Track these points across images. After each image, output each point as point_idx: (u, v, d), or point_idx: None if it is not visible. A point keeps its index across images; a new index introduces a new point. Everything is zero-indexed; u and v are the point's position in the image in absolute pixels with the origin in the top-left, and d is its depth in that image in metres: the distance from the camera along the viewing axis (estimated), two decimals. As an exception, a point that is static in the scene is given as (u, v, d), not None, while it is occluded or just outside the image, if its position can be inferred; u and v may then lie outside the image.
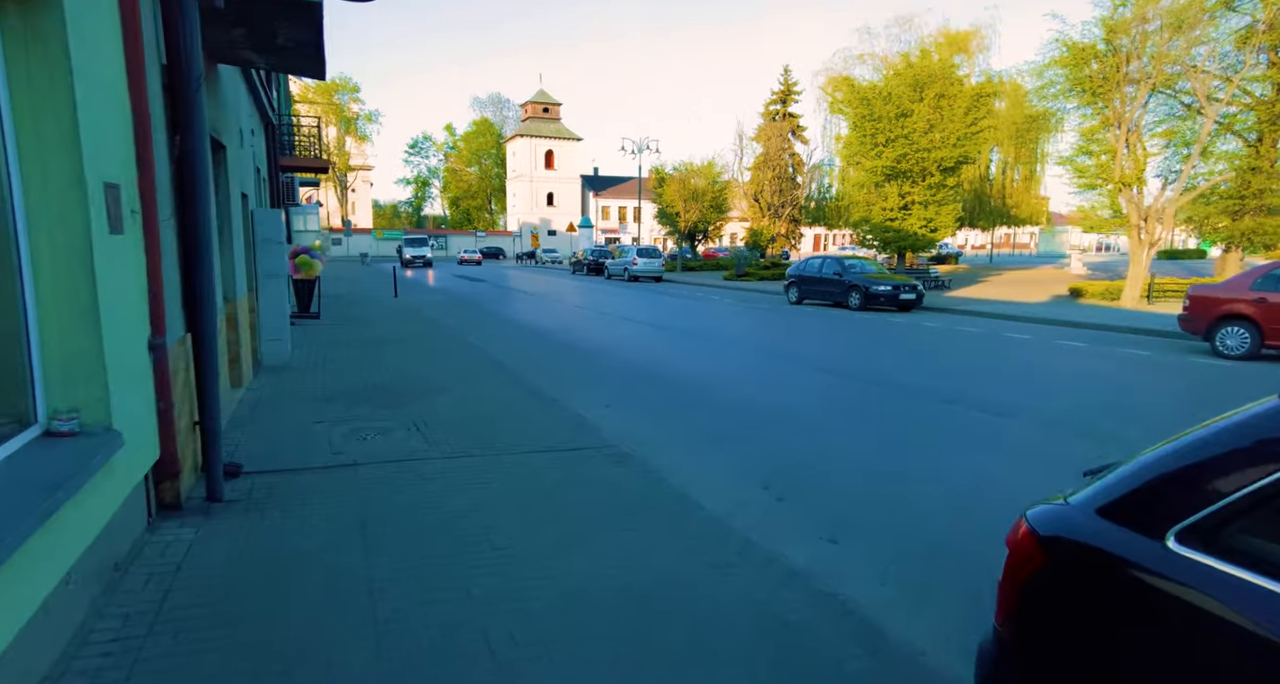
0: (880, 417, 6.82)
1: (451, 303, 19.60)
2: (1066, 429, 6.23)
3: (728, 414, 6.83)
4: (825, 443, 5.84)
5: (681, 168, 40.08)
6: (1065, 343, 11.62)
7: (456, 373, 8.46)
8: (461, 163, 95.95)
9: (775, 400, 7.45)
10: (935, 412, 6.92)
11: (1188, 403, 7.73)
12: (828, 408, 7.16)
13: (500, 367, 8.91)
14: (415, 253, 45.28)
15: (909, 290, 17.14)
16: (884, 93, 23.67)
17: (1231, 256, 21.65)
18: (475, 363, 9.22)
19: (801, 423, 6.49)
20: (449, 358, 9.62)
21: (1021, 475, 5.04)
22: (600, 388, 8.00)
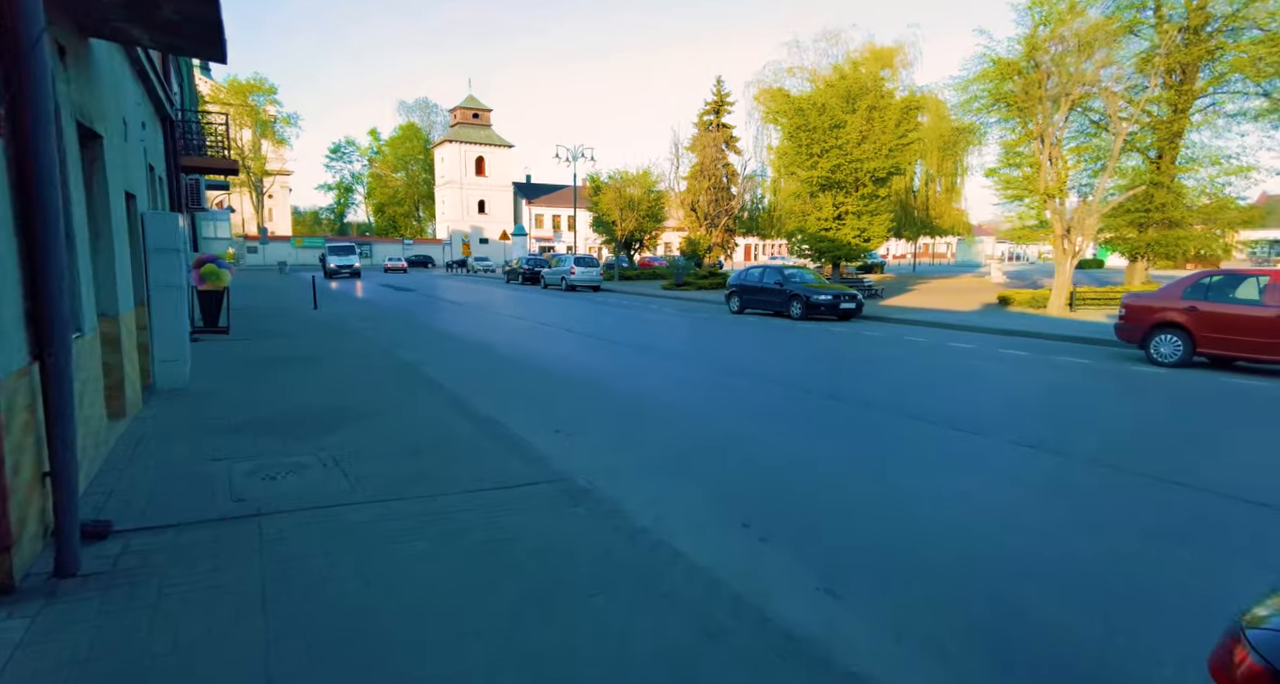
0: (847, 435, 6.45)
1: (378, 314, 18.42)
2: (1043, 448, 6.01)
3: (688, 436, 6.31)
4: (798, 467, 5.39)
5: (617, 176, 39.73)
6: (1009, 352, 11.72)
7: (385, 394, 7.63)
8: (387, 168, 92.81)
9: (736, 419, 6.98)
10: (903, 429, 6.61)
11: (1140, 413, 7.74)
12: (793, 426, 6.75)
13: (434, 386, 8.12)
14: (341, 262, 40.34)
15: (849, 300, 17.19)
16: (818, 103, 23.95)
17: (1139, 266, 22.92)
18: (406, 382, 8.39)
19: (768, 444, 6.04)
20: (376, 377, 8.74)
21: (1024, 505, 4.72)
22: (547, 408, 7.35)
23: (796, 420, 6.97)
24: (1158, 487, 4.98)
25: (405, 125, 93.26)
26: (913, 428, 6.59)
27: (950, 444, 6.06)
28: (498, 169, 77.74)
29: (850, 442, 6.20)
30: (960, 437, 6.27)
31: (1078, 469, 5.38)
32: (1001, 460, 5.62)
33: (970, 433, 6.38)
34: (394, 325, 15.67)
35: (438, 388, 8.03)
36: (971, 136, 23.78)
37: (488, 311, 19.75)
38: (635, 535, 3.85)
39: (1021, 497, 4.79)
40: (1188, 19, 20.17)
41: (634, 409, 7.38)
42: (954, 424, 6.67)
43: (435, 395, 7.62)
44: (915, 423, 6.75)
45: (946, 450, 5.88)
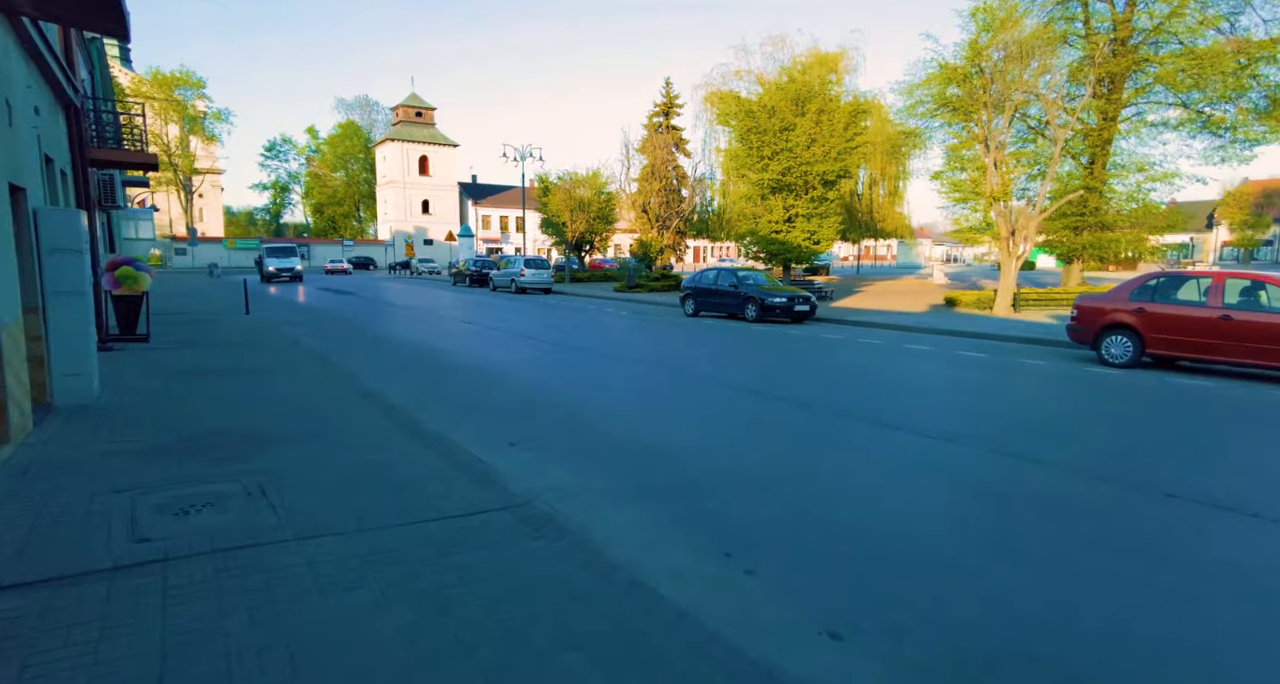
0: (822, 447, 6.16)
1: (316, 320, 17.42)
2: (1022, 459, 5.84)
3: (654, 449, 5.90)
4: (775, 485, 5.05)
5: (566, 177, 39.13)
6: (966, 354, 11.76)
7: (321, 409, 6.98)
8: (326, 167, 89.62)
9: (703, 431, 6.62)
10: (877, 439, 6.37)
11: (1103, 415, 7.73)
12: (763, 438, 6.43)
13: (377, 399, 7.50)
14: (280, 265, 36.59)
15: (803, 302, 17.13)
16: (768, 106, 23.96)
17: (1074, 268, 23.74)
18: (345, 395, 7.74)
19: (739, 459, 5.69)
20: (312, 389, 8.05)
21: (1027, 528, 4.49)
22: (499, 421, 6.83)
23: (769, 431, 6.65)
24: (1181, 507, 4.84)
25: (345, 123, 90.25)
26: (887, 438, 6.35)
27: (928, 455, 5.83)
28: (442, 169, 75.96)
29: (825, 454, 5.91)
30: (937, 446, 6.06)
31: (1072, 485, 5.21)
32: (986, 473, 5.41)
33: (945, 441, 6.18)
34: (333, 332, 14.78)
35: (380, 401, 7.41)
36: (916, 140, 24.19)
37: (434, 316, 18.95)
38: (609, 574, 3.42)
39: (1021, 519, 4.57)
40: (1114, 31, 20.97)
41: (596, 420, 6.94)
42: (926, 432, 6.46)
43: (378, 410, 7.02)
44: (888, 432, 6.52)
45: (927, 462, 5.64)
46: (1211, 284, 9.15)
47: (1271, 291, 8.77)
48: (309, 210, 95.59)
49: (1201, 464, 5.75)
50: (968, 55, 18.01)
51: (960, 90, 18.21)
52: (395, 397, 7.69)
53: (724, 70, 29.05)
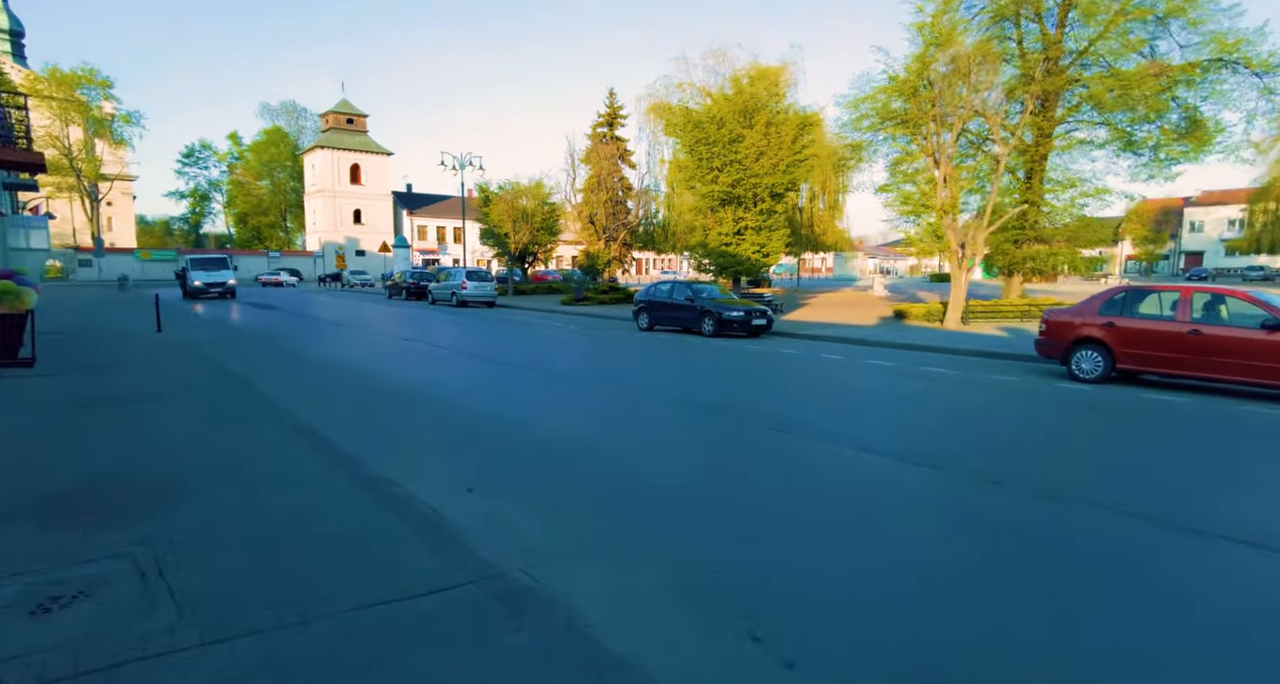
0: (812, 478, 5.56)
1: (237, 338, 15.93)
2: (1029, 490, 5.39)
3: (631, 488, 5.18)
4: (778, 532, 4.40)
5: (508, 187, 38.09)
6: (931, 370, 11.50)
7: (240, 447, 5.97)
8: (250, 175, 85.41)
9: (679, 462, 5.93)
10: (870, 469, 5.83)
11: (1089, 436, 7.45)
12: (748, 469, 5.78)
13: (307, 433, 6.51)
14: (210, 279, 31.01)
15: (760, 316, 16.76)
16: (717, 117, 23.75)
17: (1015, 281, 24.35)
18: (269, 427, 6.71)
19: (726, 496, 5.02)
20: (229, 421, 6.98)
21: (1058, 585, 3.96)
22: (452, 456, 5.97)
23: (753, 461, 6.01)
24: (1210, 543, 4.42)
25: (270, 129, 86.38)
26: (880, 468, 5.80)
27: (930, 491, 5.31)
28: (375, 177, 73.44)
29: (820, 489, 5.31)
30: (936, 479, 5.55)
31: (1105, 524, 4.76)
32: (1003, 513, 4.91)
33: (936, 469, 5.68)
34: (256, 351, 13.43)
35: (312, 434, 6.43)
36: (859, 154, 24.38)
37: (370, 332, 17.67)
38: (610, 675, 2.68)
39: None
40: (1046, 51, 21.69)
41: (560, 452, 6.16)
42: (917, 459, 5.94)
43: (309, 445, 6.05)
44: (877, 460, 5.98)
45: (934, 500, 5.12)
46: (1180, 298, 9.13)
47: (1237, 306, 8.79)
48: (231, 220, 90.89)
49: (1208, 489, 5.44)
50: (915, 69, 18.17)
51: (909, 104, 18.34)
52: (329, 429, 6.72)
53: (666, 82, 28.91)
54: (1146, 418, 7.99)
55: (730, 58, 31.63)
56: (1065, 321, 10.15)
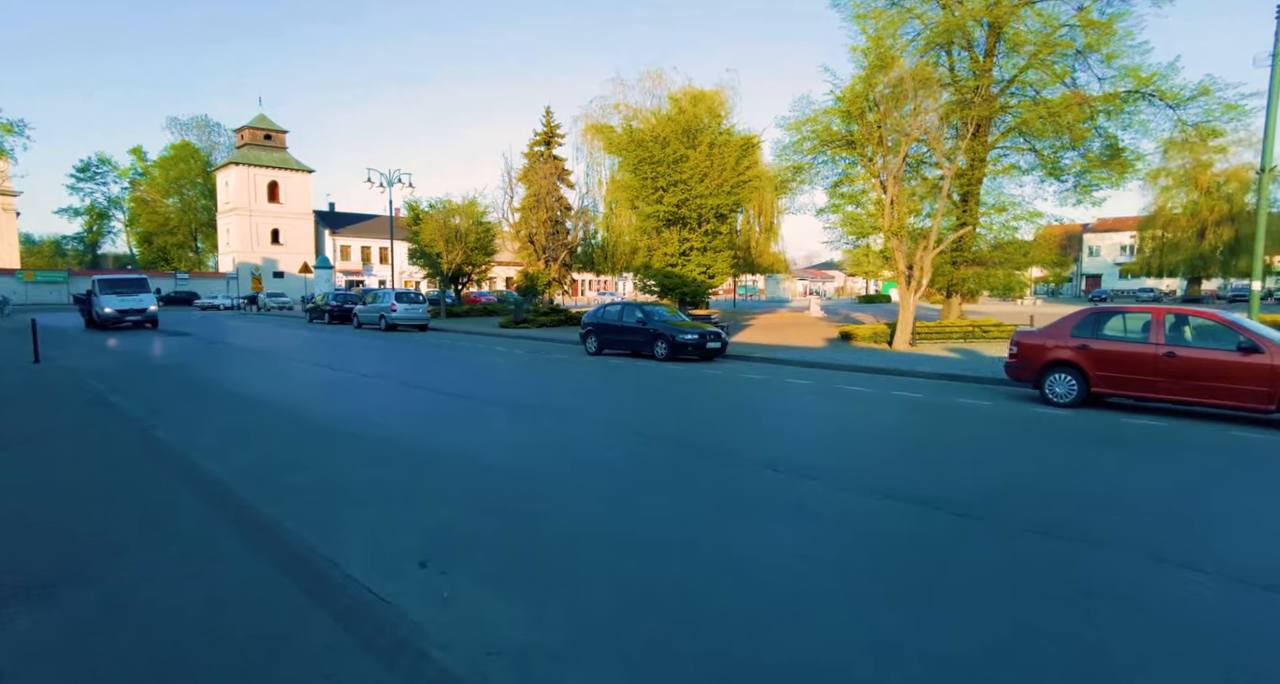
0: (824, 532, 4.81)
1: (133, 369, 14.08)
2: (1057, 535, 4.80)
3: (617, 553, 4.27)
4: (812, 611, 3.60)
5: (440, 205, 36.62)
6: (902, 394, 11.08)
7: (124, 516, 4.75)
8: (156, 192, 79.85)
9: (666, 512, 5.06)
10: (887, 516, 5.13)
11: (1082, 465, 7.04)
12: (748, 521, 4.97)
13: (214, 488, 5.31)
14: (126, 305, 25.52)
15: (715, 339, 16.16)
16: (660, 137, 23.34)
17: (954, 302, 24.81)
18: (161, 484, 5.47)
19: (725, 555, 4.19)
20: (111, 477, 5.69)
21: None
22: (395, 515, 4.91)
23: (752, 510, 5.20)
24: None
25: (179, 145, 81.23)
26: (911, 519, 5.12)
27: (978, 544, 4.65)
28: (295, 196, 69.92)
29: (842, 547, 4.56)
30: (977, 530, 4.90)
31: (1114, 557, 4.18)
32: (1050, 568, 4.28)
33: (966, 517, 5.05)
34: (155, 385, 11.76)
35: (216, 491, 5.25)
36: (801, 176, 24.42)
37: (290, 360, 16.03)
38: None
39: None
40: (976, 78, 22.37)
41: (525, 503, 5.18)
42: (934, 502, 5.30)
43: (210, 506, 4.89)
44: (904, 508, 5.30)
45: (990, 562, 4.45)
46: (1152, 320, 8.99)
47: (1210, 328, 8.71)
48: (134, 240, 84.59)
49: (1209, 523, 5.01)
50: (860, 90, 18.23)
51: (855, 126, 18.37)
52: (239, 482, 5.54)
53: (603, 102, 28.54)
54: (1130, 444, 7.69)
55: (665, 80, 31.55)
56: (1037, 344, 9.91)
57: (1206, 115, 17.92)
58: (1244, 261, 58.99)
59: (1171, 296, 68.60)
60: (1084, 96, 20.11)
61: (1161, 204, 61.56)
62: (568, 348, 19.69)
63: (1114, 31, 18.66)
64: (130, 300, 25.90)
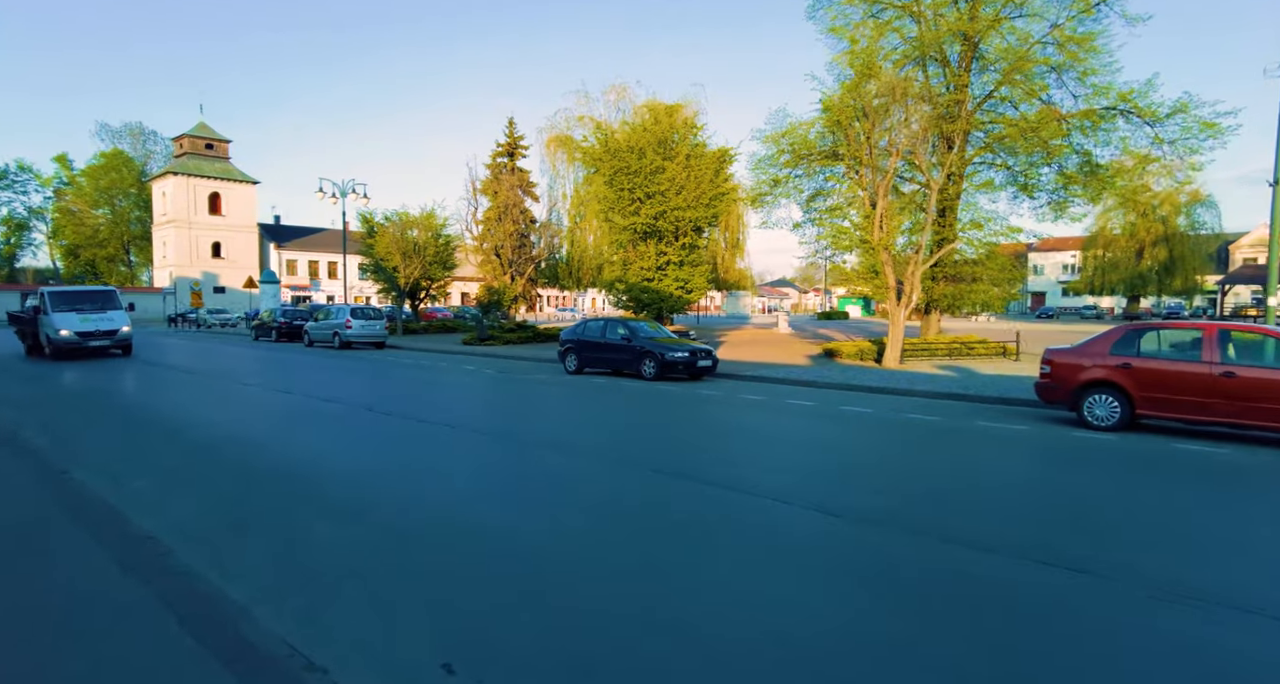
0: (928, 600, 3.82)
1: (52, 396, 12.28)
2: (1193, 598, 3.93)
3: (693, 653, 3.19)
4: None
5: (395, 217, 34.95)
6: (916, 417, 10.28)
7: (17, 600, 3.42)
8: (84, 203, 75.12)
9: (743, 587, 3.99)
10: (992, 577, 4.18)
11: (1154, 500, 6.27)
12: (832, 590, 3.95)
13: (147, 555, 4.01)
14: (89, 326, 19.30)
15: (705, 357, 15.21)
16: (637, 147, 22.51)
17: (933, 318, 24.53)
18: (70, 549, 4.13)
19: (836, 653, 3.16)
20: (7, 541, 4.31)
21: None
22: (401, 596, 3.71)
23: (839, 577, 4.18)
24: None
25: (110, 152, 76.83)
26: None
27: (1096, 609, 3.72)
28: (238, 208, 66.74)
29: (990, 643, 3.57)
30: (1090, 588, 3.99)
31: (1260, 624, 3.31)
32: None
33: (1089, 574, 4.14)
34: (76, 415, 10.10)
35: (156, 562, 3.95)
36: (779, 189, 23.88)
37: (236, 383, 14.36)
38: None
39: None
40: (954, 93, 22.29)
41: (550, 578, 4.03)
42: (1048, 558, 4.39)
43: (141, 581, 3.60)
44: (1000, 564, 4.36)
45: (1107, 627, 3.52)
46: (1204, 337, 8.39)
47: (1272, 345, 8.14)
48: (58, 252, 79.29)
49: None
50: (847, 100, 17.74)
51: (843, 136, 17.85)
52: (178, 539, 4.26)
53: (567, 114, 27.71)
54: (1198, 475, 7.00)
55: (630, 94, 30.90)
56: (1072, 363, 9.24)
57: (1184, 133, 18.02)
58: (1178, 281, 61.68)
59: (1111, 315, 71.23)
60: (1060, 113, 20.14)
61: (1102, 225, 64.01)
62: (544, 367, 18.44)
63: (1094, 48, 18.71)
64: (96, 320, 19.52)
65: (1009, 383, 13.80)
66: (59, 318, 19.03)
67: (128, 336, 20.10)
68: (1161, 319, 64.37)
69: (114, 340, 19.70)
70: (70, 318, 19.21)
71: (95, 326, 19.36)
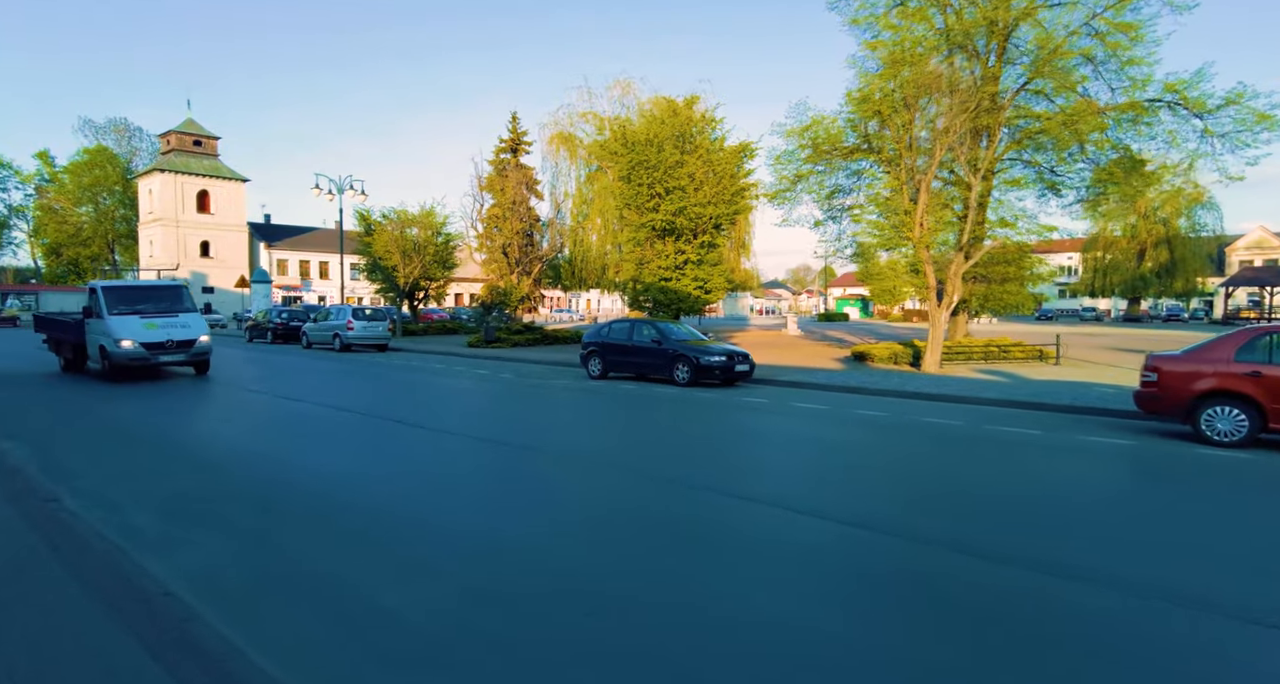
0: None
1: (37, 404, 11.10)
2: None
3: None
4: None
5: (393, 215, 33.77)
6: (1010, 430, 9.31)
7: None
8: (66, 200, 73.07)
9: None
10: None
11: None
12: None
13: (153, 612, 2.91)
14: (157, 335, 14.00)
15: (743, 361, 14.19)
16: (655, 140, 21.49)
17: (960, 319, 23.65)
18: (67, 608, 3.03)
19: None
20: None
21: None
22: (477, 664, 2.67)
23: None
24: None
25: (94, 149, 74.81)
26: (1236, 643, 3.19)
27: None
28: (227, 206, 65.10)
29: None
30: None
31: None
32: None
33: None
34: (66, 427, 8.93)
35: (173, 623, 2.87)
36: (802, 185, 22.94)
37: (236, 389, 13.19)
38: None
39: None
40: (985, 85, 21.42)
41: (698, 653, 3.00)
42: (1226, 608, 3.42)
43: (160, 659, 2.53)
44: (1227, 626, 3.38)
45: None
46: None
47: None
48: (39, 251, 77.19)
49: None
50: (887, 89, 16.81)
51: (881, 127, 16.93)
52: (205, 602, 3.18)
53: (569, 111, 26.72)
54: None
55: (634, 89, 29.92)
56: (1186, 370, 8.28)
57: (1238, 125, 17.19)
58: (1179, 282, 61.33)
59: (1109, 317, 70.88)
60: (1099, 106, 19.30)
61: (1103, 227, 63.58)
62: (562, 371, 17.35)
63: (1139, 37, 17.87)
64: (166, 327, 14.18)
65: (1071, 389, 12.90)
66: (118, 323, 13.71)
67: (207, 349, 14.67)
68: (1162, 321, 64.09)
69: (190, 354, 14.27)
70: (132, 323, 13.82)
71: (166, 335, 13.94)
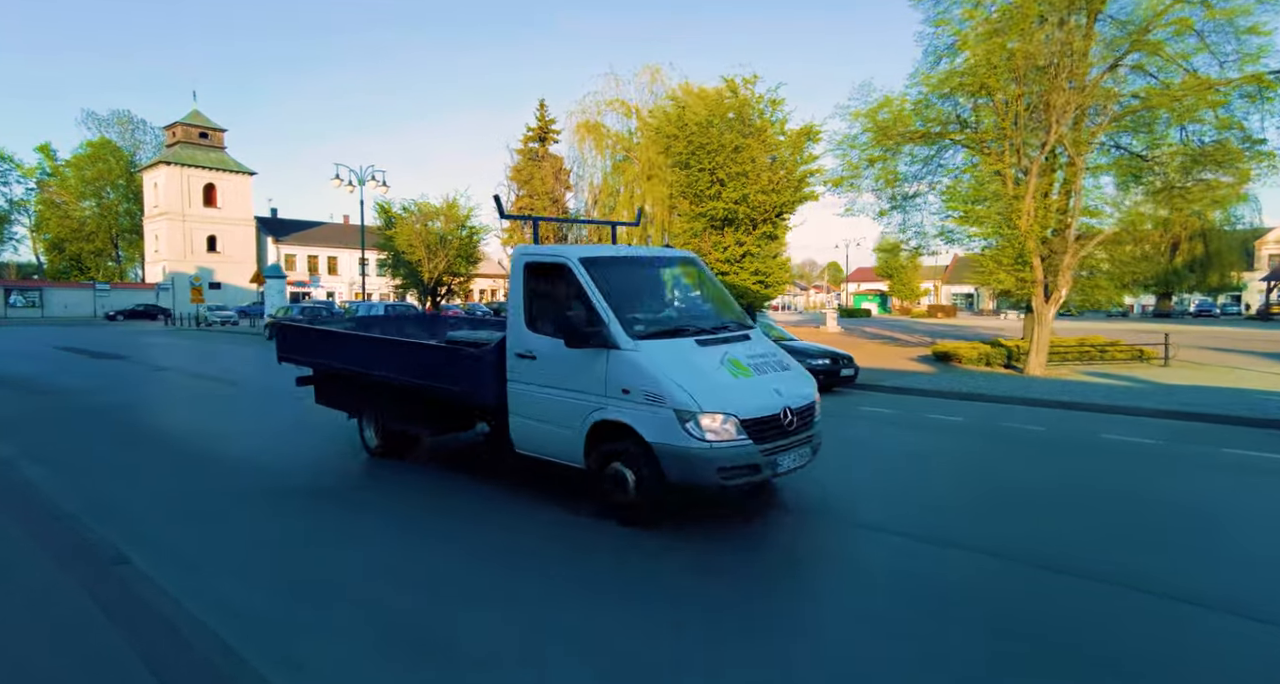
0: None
1: (53, 412, 9.46)
2: None
3: None
4: None
5: (414, 208, 32.10)
6: (1235, 453, 7.68)
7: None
8: (69, 194, 71.34)
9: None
10: None
11: None
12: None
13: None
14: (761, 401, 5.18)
15: (848, 365, 12.57)
16: (716, 121, 19.83)
17: (1049, 316, 21.91)
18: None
19: None
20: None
21: None
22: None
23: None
24: None
25: (97, 142, 73.09)
26: None
27: None
28: (234, 199, 63.41)
29: None
30: None
31: None
32: None
33: None
34: (86, 439, 7.30)
35: None
36: (876, 170, 21.24)
37: (274, 400, 11.56)
38: None
39: None
40: (1077, 61, 19.69)
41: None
42: None
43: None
44: None
45: None
46: None
47: None
48: (41, 247, 75.54)
49: None
50: (996, 61, 15.10)
51: (989, 101, 15.26)
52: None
53: (596, 99, 25.09)
54: None
55: (663, 76, 28.20)
56: None
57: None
58: (1214, 277, 59.48)
59: (1133, 313, 68.98)
60: (1211, 80, 17.55)
61: (1127, 223, 61.69)
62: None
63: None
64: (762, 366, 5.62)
65: (1222, 395, 11.28)
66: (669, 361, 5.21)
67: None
68: (1193, 317, 62.35)
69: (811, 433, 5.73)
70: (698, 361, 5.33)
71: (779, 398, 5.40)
